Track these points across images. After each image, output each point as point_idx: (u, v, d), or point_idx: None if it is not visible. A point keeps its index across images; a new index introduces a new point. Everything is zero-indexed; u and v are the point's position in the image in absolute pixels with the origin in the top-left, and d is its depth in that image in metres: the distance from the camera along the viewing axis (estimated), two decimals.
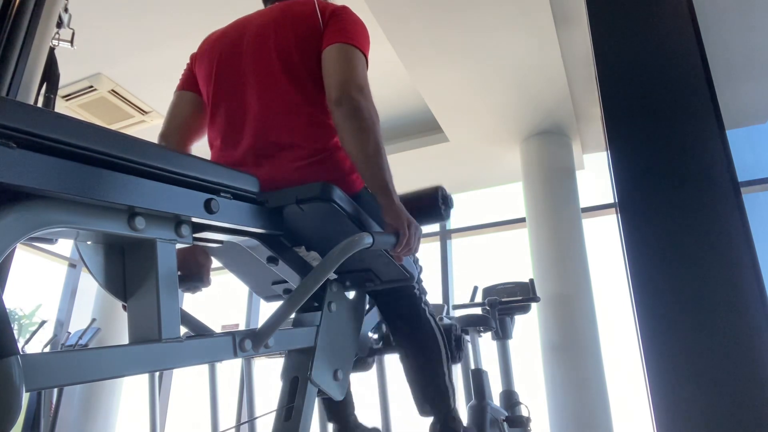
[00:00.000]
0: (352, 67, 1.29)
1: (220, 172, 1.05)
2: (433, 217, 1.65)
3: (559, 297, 4.30)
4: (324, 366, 1.28)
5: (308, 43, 1.35)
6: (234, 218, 1.08)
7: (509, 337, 2.98)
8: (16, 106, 0.72)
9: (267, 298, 1.61)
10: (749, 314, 1.40)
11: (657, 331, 1.47)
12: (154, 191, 0.91)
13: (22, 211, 0.75)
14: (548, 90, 4.35)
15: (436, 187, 1.69)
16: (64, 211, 0.80)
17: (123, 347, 0.83)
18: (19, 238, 0.74)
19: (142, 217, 0.91)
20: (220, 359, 1.03)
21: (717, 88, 1.93)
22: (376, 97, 1.35)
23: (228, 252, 1.40)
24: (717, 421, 1.34)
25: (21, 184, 0.71)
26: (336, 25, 1.36)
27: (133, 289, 0.96)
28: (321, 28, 1.36)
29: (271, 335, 1.10)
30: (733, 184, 1.57)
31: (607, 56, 1.91)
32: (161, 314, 0.92)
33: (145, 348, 0.87)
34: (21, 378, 0.60)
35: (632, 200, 1.67)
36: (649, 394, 1.44)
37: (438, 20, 3.61)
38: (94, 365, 0.76)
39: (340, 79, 1.28)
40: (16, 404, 0.60)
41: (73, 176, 0.79)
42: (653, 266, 1.57)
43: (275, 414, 1.23)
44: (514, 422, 2.62)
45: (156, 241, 0.94)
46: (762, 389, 1.33)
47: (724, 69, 4.17)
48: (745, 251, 1.46)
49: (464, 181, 5.79)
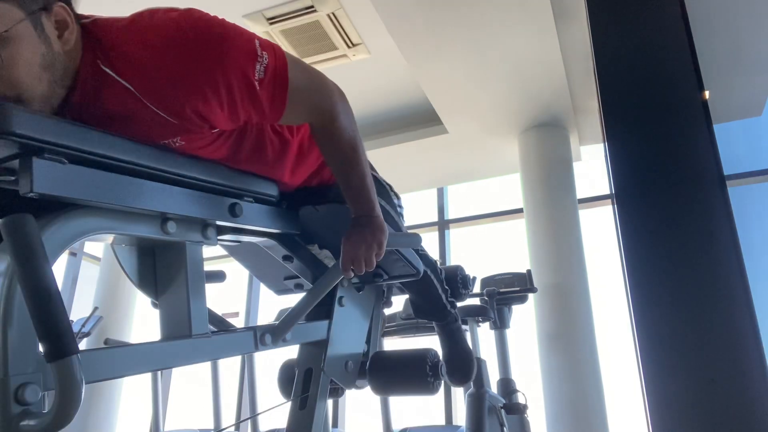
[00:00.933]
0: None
1: (243, 178, 1.12)
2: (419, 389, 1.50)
3: (556, 287, 4.39)
4: (336, 358, 1.35)
5: None
6: (255, 220, 1.15)
7: (507, 326, 3.04)
8: (65, 126, 0.79)
9: (279, 291, 1.68)
10: (736, 307, 1.48)
11: (651, 320, 1.55)
12: (184, 198, 0.98)
13: (69, 219, 0.82)
14: (547, 83, 4.41)
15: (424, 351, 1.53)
16: (105, 218, 0.87)
17: (160, 343, 0.90)
18: (67, 244, 0.81)
19: (173, 222, 0.98)
20: (243, 352, 1.10)
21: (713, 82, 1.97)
22: (377, 88, 1.35)
23: (244, 250, 1.47)
24: (708, 407, 1.42)
25: (72, 197, 0.78)
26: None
27: (164, 288, 1.03)
28: None
29: (289, 330, 1.17)
30: (720, 177, 1.65)
31: (606, 51, 1.97)
32: (191, 311, 0.99)
33: (179, 343, 0.94)
34: (81, 374, 0.67)
35: (628, 191, 1.74)
36: (642, 382, 1.52)
37: (438, 13, 3.65)
38: (138, 359, 0.84)
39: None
40: (78, 397, 0.67)
41: (113, 187, 0.86)
42: (648, 256, 1.64)
43: (290, 403, 1.31)
44: (511, 409, 2.70)
45: (185, 244, 1.01)
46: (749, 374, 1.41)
47: (720, 62, 4.22)
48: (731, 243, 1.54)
49: (463, 172, 5.85)
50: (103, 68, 0.89)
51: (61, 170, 0.78)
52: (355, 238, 1.16)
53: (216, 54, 0.89)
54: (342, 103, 1.13)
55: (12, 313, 0.72)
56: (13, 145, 0.74)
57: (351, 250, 1.15)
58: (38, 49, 0.83)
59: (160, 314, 1.03)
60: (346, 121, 1.13)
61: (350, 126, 1.14)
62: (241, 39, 0.93)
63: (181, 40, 0.87)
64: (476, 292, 3.11)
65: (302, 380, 1.31)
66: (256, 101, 0.97)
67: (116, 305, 5.92)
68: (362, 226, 1.18)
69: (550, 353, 4.29)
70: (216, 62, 0.89)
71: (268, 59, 0.95)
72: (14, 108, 0.72)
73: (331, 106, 1.10)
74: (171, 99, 0.90)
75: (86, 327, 5.20)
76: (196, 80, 0.89)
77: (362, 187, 1.18)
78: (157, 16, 0.91)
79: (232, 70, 0.91)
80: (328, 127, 1.11)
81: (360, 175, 1.16)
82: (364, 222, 1.19)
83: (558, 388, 4.19)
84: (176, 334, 0.98)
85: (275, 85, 0.97)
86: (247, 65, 0.92)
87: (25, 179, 0.74)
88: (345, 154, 1.14)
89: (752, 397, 1.40)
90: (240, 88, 0.93)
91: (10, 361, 0.70)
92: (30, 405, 0.70)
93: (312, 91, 1.07)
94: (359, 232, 1.17)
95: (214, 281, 1.48)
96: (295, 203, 1.29)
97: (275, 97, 0.98)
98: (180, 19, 0.89)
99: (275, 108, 1.00)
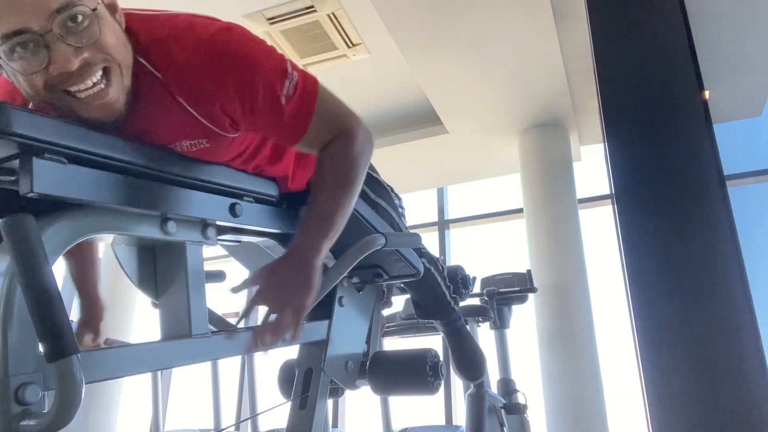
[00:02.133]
0: None
1: (243, 178, 1.12)
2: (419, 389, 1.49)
3: (556, 287, 4.39)
4: (336, 358, 1.35)
5: None
6: (255, 220, 1.15)
7: (507, 326, 3.04)
8: (65, 126, 0.79)
9: None
10: (736, 306, 1.48)
11: (651, 320, 1.55)
12: (184, 198, 0.98)
13: (69, 219, 0.82)
14: (547, 83, 4.41)
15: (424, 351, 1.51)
16: (105, 218, 0.87)
17: (160, 343, 0.90)
18: (67, 244, 0.81)
19: (173, 222, 0.98)
20: (243, 353, 1.10)
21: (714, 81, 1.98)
22: (377, 88, 1.34)
23: (244, 250, 1.47)
24: (708, 407, 1.42)
25: (72, 197, 0.78)
26: None
27: (164, 288, 1.03)
28: None
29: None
30: (720, 177, 1.65)
31: (606, 51, 1.97)
32: (191, 311, 0.99)
33: (179, 343, 0.94)
34: (81, 374, 0.68)
35: (628, 191, 1.74)
36: (642, 382, 1.52)
37: (439, 13, 3.65)
38: (138, 359, 0.84)
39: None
40: (78, 397, 0.67)
41: (113, 187, 0.86)
42: (648, 256, 1.64)
43: (290, 404, 1.31)
44: (511, 409, 2.70)
45: (185, 244, 1.01)
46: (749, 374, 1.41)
47: (720, 62, 4.23)
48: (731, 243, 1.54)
49: (463, 172, 5.86)
50: (138, 58, 0.92)
51: (61, 170, 0.78)
52: (280, 277, 0.96)
53: (249, 63, 0.94)
54: (365, 133, 1.11)
55: (12, 313, 0.72)
56: (13, 145, 0.74)
57: (270, 290, 0.96)
58: (114, 26, 0.88)
59: (160, 314, 1.03)
60: (363, 151, 1.09)
61: (363, 157, 1.09)
62: (272, 57, 0.99)
63: (220, 50, 0.93)
64: (476, 292, 3.11)
65: (302, 380, 1.31)
66: (279, 114, 0.99)
67: (116, 305, 5.92)
68: (296, 268, 0.98)
69: (550, 353, 4.29)
70: (248, 70, 0.94)
71: (297, 78, 1.00)
72: (14, 108, 0.72)
73: (354, 129, 1.09)
74: (201, 95, 0.95)
75: None
76: (226, 83, 0.93)
77: (329, 222, 1.03)
78: (199, 21, 0.97)
79: (262, 81, 0.95)
80: (344, 144, 1.07)
81: (337, 207, 1.05)
82: (301, 262, 0.99)
83: (558, 388, 4.19)
84: (176, 334, 0.98)
85: (302, 102, 1.00)
86: (276, 80, 0.97)
87: (25, 179, 0.74)
88: (340, 177, 1.06)
89: (752, 397, 1.40)
90: (265, 99, 0.96)
91: (10, 361, 0.70)
92: (30, 405, 0.70)
93: (339, 113, 1.08)
94: (290, 274, 0.97)
95: (214, 281, 1.48)
96: (295, 203, 1.29)
97: (300, 111, 1.00)
98: (222, 31, 0.96)
99: (298, 123, 1.01)
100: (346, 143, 1.06)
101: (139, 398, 5.64)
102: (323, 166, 1.07)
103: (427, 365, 1.43)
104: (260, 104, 0.96)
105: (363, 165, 1.09)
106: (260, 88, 0.95)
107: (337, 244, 1.39)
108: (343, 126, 1.07)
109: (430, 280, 1.68)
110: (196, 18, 0.98)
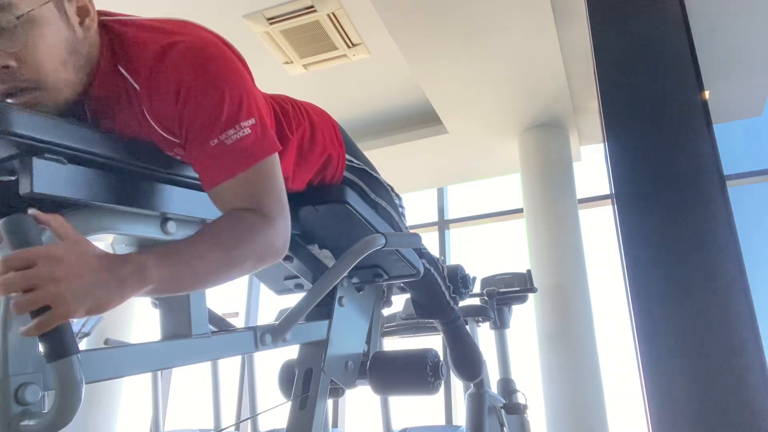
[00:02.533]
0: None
1: None
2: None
3: (556, 287, 4.39)
4: (336, 358, 1.35)
5: None
6: None
7: (507, 326, 3.04)
8: (65, 126, 0.79)
9: (279, 291, 1.68)
10: (736, 307, 1.48)
11: (651, 320, 1.55)
12: (184, 198, 0.98)
13: (69, 219, 0.82)
14: (547, 83, 4.41)
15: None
16: (105, 218, 0.87)
17: (160, 343, 0.90)
18: None
19: (173, 222, 0.98)
20: (243, 352, 1.10)
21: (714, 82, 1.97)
22: (377, 88, 1.30)
23: None
24: (708, 407, 1.42)
25: (72, 197, 0.78)
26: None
27: None
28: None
29: (289, 330, 1.17)
30: (720, 177, 1.65)
31: (606, 51, 1.97)
32: (191, 311, 0.99)
33: (180, 343, 0.94)
34: (81, 374, 0.67)
35: (628, 191, 1.75)
36: (642, 382, 1.52)
37: (439, 13, 3.66)
38: (138, 359, 0.84)
39: None
40: (78, 397, 0.67)
41: (113, 187, 0.86)
42: (648, 256, 1.64)
43: (291, 403, 1.31)
44: (511, 409, 2.70)
45: None
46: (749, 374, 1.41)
47: (720, 62, 4.23)
48: (731, 243, 1.54)
49: (463, 172, 5.86)
50: (118, 67, 0.91)
51: (61, 170, 0.78)
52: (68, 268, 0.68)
53: (209, 87, 0.88)
54: (280, 233, 0.95)
55: (12, 314, 0.72)
56: (13, 145, 0.74)
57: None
58: (62, 33, 0.84)
59: (160, 314, 1.03)
60: (267, 242, 0.92)
61: (261, 246, 0.91)
62: (235, 100, 0.90)
63: (193, 69, 0.88)
64: (476, 292, 3.11)
65: (302, 380, 1.31)
66: (200, 150, 0.90)
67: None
68: (123, 270, 0.73)
69: (549, 353, 4.29)
70: (203, 94, 0.87)
71: (247, 135, 0.90)
72: (14, 108, 0.72)
73: (275, 218, 0.94)
74: (162, 111, 0.90)
75: (86, 327, 5.20)
76: (183, 101, 0.88)
77: (187, 264, 0.81)
78: (183, 37, 0.91)
79: (200, 114, 0.88)
80: (256, 221, 0.91)
81: (204, 260, 0.83)
82: (131, 269, 0.74)
83: (558, 388, 4.19)
84: (176, 334, 0.98)
85: (233, 157, 0.90)
86: (220, 119, 0.88)
87: (25, 179, 0.74)
88: (229, 242, 0.86)
89: (752, 397, 1.40)
90: (200, 130, 0.89)
91: (10, 361, 0.70)
92: (30, 405, 0.70)
93: (269, 195, 0.94)
94: (106, 270, 0.71)
95: None
96: (295, 203, 1.29)
97: (224, 164, 0.90)
98: (204, 48, 0.91)
99: (216, 172, 0.90)
100: (260, 221, 0.92)
101: (139, 398, 5.64)
102: (224, 222, 0.90)
103: (427, 365, 1.43)
104: (193, 131, 0.89)
105: (253, 252, 0.90)
106: (196, 120, 0.88)
107: (338, 244, 1.40)
108: (264, 207, 0.93)
109: (430, 280, 1.68)
110: (181, 32, 0.93)
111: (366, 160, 1.51)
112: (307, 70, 4.45)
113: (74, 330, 2.91)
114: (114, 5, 0.99)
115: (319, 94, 4.75)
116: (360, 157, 1.48)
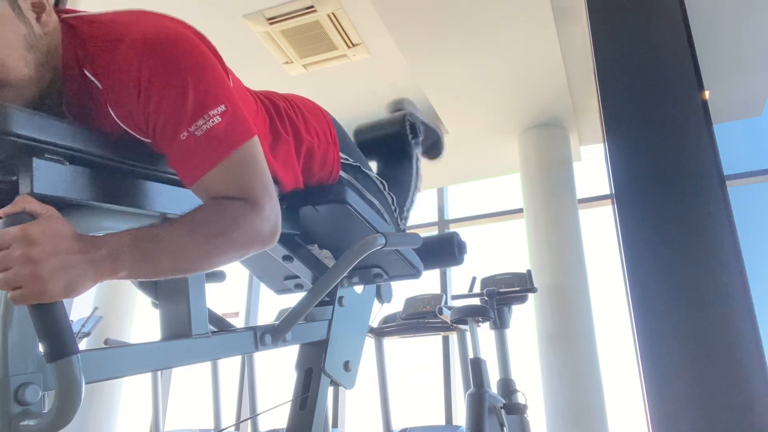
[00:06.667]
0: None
1: None
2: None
3: (556, 287, 4.39)
4: (336, 358, 1.35)
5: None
6: None
7: (507, 326, 3.04)
8: (65, 126, 0.79)
9: (279, 291, 1.68)
10: (735, 307, 1.48)
11: (651, 320, 1.55)
12: (184, 198, 0.98)
13: (69, 219, 0.81)
14: (547, 83, 4.41)
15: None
16: (105, 218, 0.87)
17: (160, 343, 0.90)
18: None
19: None
20: (243, 353, 1.10)
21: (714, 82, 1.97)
22: (377, 88, 1.30)
23: None
24: (708, 407, 1.42)
25: (72, 197, 0.78)
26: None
27: (164, 288, 1.03)
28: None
29: (289, 330, 1.17)
30: (720, 177, 1.65)
31: (606, 51, 1.97)
32: (191, 311, 0.99)
33: (179, 343, 0.94)
34: (81, 374, 0.68)
35: (628, 191, 1.74)
36: (642, 382, 1.52)
37: (439, 13, 3.66)
38: (138, 359, 0.84)
39: None
40: (78, 397, 0.67)
41: (113, 187, 0.86)
42: (648, 256, 1.64)
43: (290, 404, 1.31)
44: (511, 409, 2.71)
45: None
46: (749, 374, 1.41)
47: (720, 62, 4.23)
48: (730, 243, 1.54)
49: (463, 172, 5.85)
50: (81, 65, 0.88)
51: (62, 171, 0.78)
52: (66, 253, 0.70)
53: (170, 81, 0.84)
54: (269, 218, 0.92)
55: (12, 314, 0.72)
56: (13, 145, 0.74)
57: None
58: (19, 30, 0.82)
59: (160, 314, 1.03)
60: (254, 229, 0.90)
61: (249, 234, 0.89)
62: (201, 87, 0.85)
63: (153, 57, 0.84)
64: (476, 292, 3.11)
65: (302, 380, 1.31)
66: (170, 146, 0.86)
67: (116, 305, 5.92)
68: (97, 253, 0.74)
69: (549, 353, 4.29)
70: (166, 87, 0.83)
71: (219, 124, 0.86)
72: (14, 108, 0.72)
73: (262, 204, 0.91)
74: (125, 108, 0.87)
75: (86, 327, 5.20)
76: (145, 95, 0.84)
77: (160, 251, 0.80)
78: (135, 27, 0.88)
79: (164, 107, 0.84)
80: (242, 209, 0.89)
81: (179, 247, 0.82)
82: (106, 252, 0.74)
83: (558, 388, 4.19)
84: (176, 334, 0.98)
85: (209, 147, 0.86)
86: (184, 113, 0.84)
87: (25, 179, 0.74)
88: (210, 230, 0.85)
89: (752, 397, 1.40)
90: (162, 128, 0.85)
91: (10, 361, 0.70)
92: (30, 405, 0.71)
93: (254, 179, 0.91)
94: (79, 252, 0.72)
95: (214, 281, 1.48)
96: (295, 203, 1.29)
97: (202, 156, 0.86)
98: (161, 37, 0.86)
99: (195, 166, 0.87)
100: (246, 209, 0.89)
101: (139, 398, 5.64)
102: (207, 209, 0.88)
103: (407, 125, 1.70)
104: (160, 127, 0.85)
105: (238, 239, 0.88)
106: (164, 110, 0.84)
107: (337, 244, 1.40)
108: (248, 194, 0.90)
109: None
110: (137, 21, 0.89)
111: (359, 156, 1.50)
112: (307, 70, 4.45)
113: (74, 330, 2.91)
114: (114, 5, 0.98)
115: (319, 94, 4.74)
116: (353, 153, 1.47)
